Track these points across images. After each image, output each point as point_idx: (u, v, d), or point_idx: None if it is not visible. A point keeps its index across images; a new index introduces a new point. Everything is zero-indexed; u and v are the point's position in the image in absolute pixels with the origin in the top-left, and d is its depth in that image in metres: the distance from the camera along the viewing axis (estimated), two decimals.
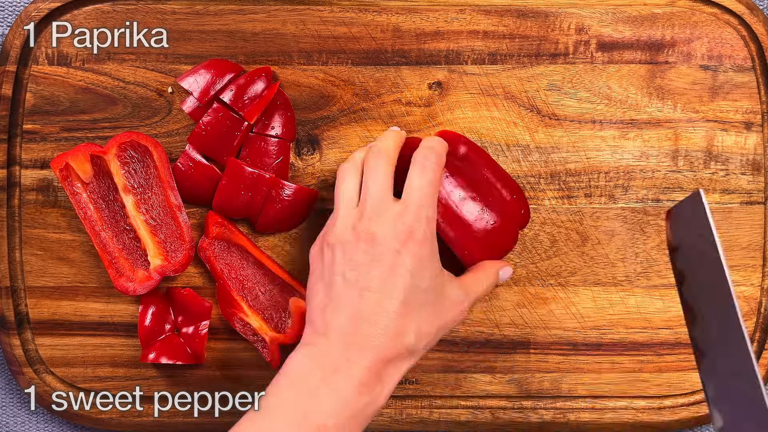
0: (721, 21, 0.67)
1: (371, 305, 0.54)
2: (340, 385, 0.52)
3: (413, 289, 0.55)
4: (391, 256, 0.55)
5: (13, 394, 0.71)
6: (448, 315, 0.58)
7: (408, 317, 0.55)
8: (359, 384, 0.53)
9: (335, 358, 0.53)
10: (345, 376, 0.53)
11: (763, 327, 0.67)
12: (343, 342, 0.54)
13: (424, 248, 0.56)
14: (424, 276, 0.56)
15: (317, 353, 0.54)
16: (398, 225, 0.56)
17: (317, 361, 0.54)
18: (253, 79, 0.65)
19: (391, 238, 0.55)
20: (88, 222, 0.65)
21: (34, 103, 0.66)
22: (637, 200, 0.67)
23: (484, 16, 0.67)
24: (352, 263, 0.55)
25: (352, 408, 0.52)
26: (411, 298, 0.55)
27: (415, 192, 0.57)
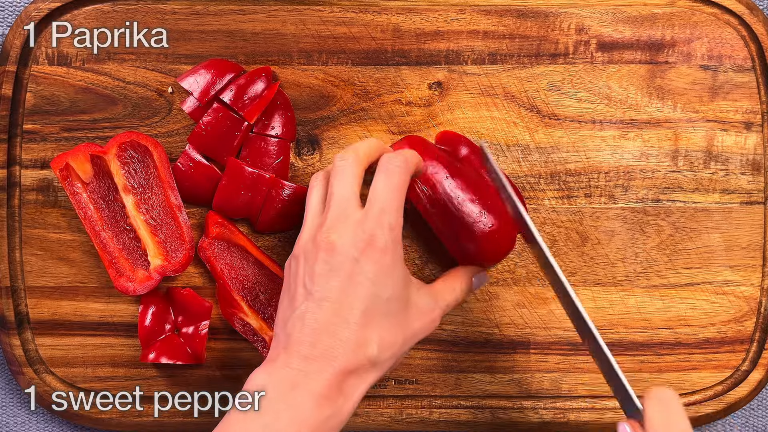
0: (721, 21, 0.67)
1: (330, 316, 0.53)
2: (297, 401, 0.51)
3: (374, 298, 0.53)
4: (350, 265, 0.53)
5: (13, 394, 0.71)
6: (416, 324, 0.56)
7: (369, 327, 0.53)
8: (319, 397, 0.51)
9: (294, 373, 0.52)
10: (303, 391, 0.51)
11: (762, 327, 0.67)
12: (302, 355, 0.52)
13: (385, 256, 0.54)
14: (386, 284, 0.54)
15: (276, 369, 0.53)
16: (358, 233, 0.54)
17: (275, 378, 0.52)
18: (253, 79, 0.65)
19: (349, 246, 0.53)
20: (88, 222, 0.65)
21: (34, 103, 0.66)
22: (637, 200, 0.67)
23: (484, 16, 0.67)
24: (312, 274, 0.54)
25: (311, 424, 0.51)
26: (372, 307, 0.53)
27: (378, 198, 0.55)
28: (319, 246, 0.54)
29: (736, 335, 0.67)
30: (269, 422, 0.51)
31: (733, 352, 0.67)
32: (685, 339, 0.67)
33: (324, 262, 0.54)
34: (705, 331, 0.67)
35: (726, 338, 0.67)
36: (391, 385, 0.67)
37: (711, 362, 0.67)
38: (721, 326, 0.67)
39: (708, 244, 0.67)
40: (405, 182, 0.56)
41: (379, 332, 0.53)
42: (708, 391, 0.67)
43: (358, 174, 0.56)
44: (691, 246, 0.67)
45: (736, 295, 0.67)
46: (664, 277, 0.67)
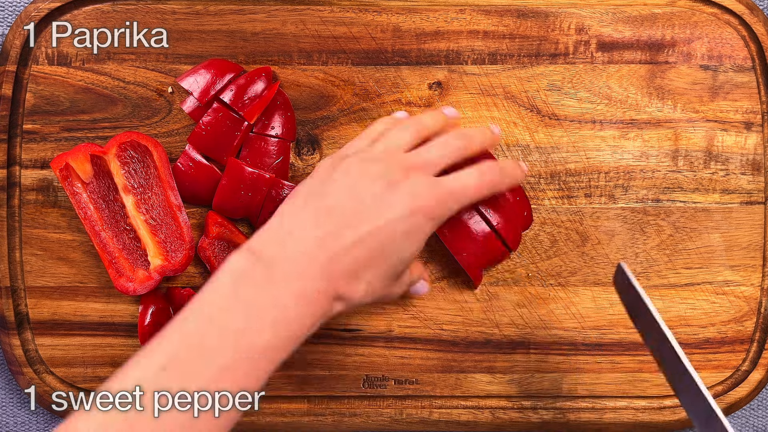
0: (721, 21, 0.67)
1: (349, 239, 0.51)
2: (283, 299, 0.49)
3: (394, 250, 0.53)
4: (400, 213, 0.53)
5: (13, 394, 0.71)
6: (394, 290, 0.56)
7: (370, 270, 0.53)
8: (303, 299, 0.49)
9: (286, 269, 0.50)
10: (289, 290, 0.49)
11: (763, 327, 0.67)
12: (303, 254, 0.50)
13: (428, 226, 0.54)
14: (408, 249, 0.54)
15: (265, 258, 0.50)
16: (426, 192, 0.53)
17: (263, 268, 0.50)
18: (253, 79, 0.65)
19: (409, 197, 0.53)
20: (88, 222, 0.65)
21: (34, 103, 0.66)
22: (637, 200, 0.67)
23: (484, 16, 0.67)
24: (362, 190, 0.53)
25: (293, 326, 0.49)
26: (387, 255, 0.53)
27: (463, 185, 0.55)
28: (383, 175, 0.53)
29: (736, 335, 0.67)
30: (251, 318, 0.48)
31: (733, 352, 0.67)
32: (685, 339, 0.67)
33: (381, 190, 0.53)
34: (705, 331, 0.67)
35: (726, 338, 0.67)
36: (391, 385, 0.67)
37: (711, 362, 0.67)
38: (721, 326, 0.67)
39: (708, 244, 0.67)
40: (486, 190, 0.56)
41: (373, 277, 0.53)
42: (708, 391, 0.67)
43: (455, 158, 0.57)
44: (691, 246, 0.67)
45: (736, 295, 0.67)
46: (664, 277, 0.67)
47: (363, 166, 0.54)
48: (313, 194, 0.54)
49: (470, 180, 0.56)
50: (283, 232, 0.52)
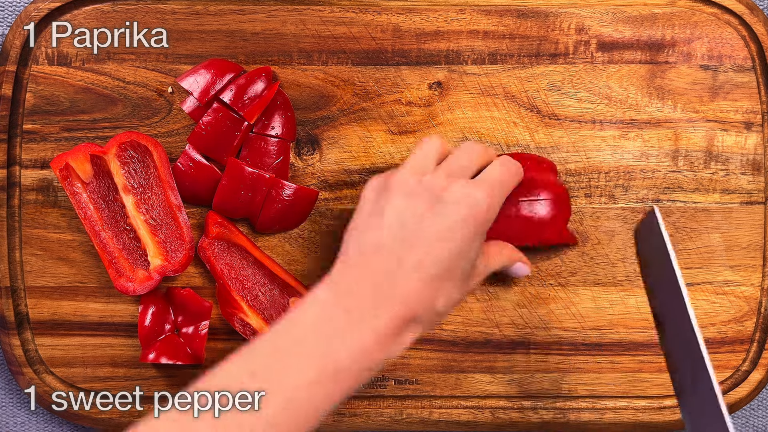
0: (721, 21, 0.67)
1: (414, 260, 0.52)
2: (362, 333, 0.50)
3: (459, 256, 0.53)
4: (452, 219, 0.53)
5: (13, 394, 0.70)
6: (471, 284, 0.57)
7: (445, 281, 0.53)
8: (381, 336, 0.51)
9: (364, 302, 0.51)
10: (369, 325, 0.51)
11: (763, 327, 0.67)
12: (375, 288, 0.52)
13: (483, 222, 0.54)
14: (472, 248, 0.54)
15: (345, 292, 0.52)
16: (471, 191, 0.54)
17: (343, 301, 0.51)
18: (253, 79, 0.65)
19: (458, 201, 0.54)
20: (88, 222, 0.65)
21: (34, 103, 0.66)
22: (637, 200, 0.67)
23: (484, 16, 0.67)
24: (410, 212, 0.54)
25: (370, 356, 0.51)
26: (455, 264, 0.53)
27: (494, 174, 0.57)
28: (426, 188, 0.55)
29: (736, 335, 0.67)
30: (333, 344, 0.50)
31: (733, 352, 0.67)
32: None
33: (427, 204, 0.54)
34: (705, 331, 0.67)
35: (726, 338, 0.67)
36: (391, 385, 0.67)
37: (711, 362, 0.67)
38: (721, 326, 0.67)
39: (708, 244, 0.67)
40: (517, 179, 0.59)
41: (449, 288, 0.54)
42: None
43: (480, 162, 0.58)
44: (691, 246, 0.67)
45: (736, 295, 0.67)
46: None
47: (406, 189, 0.55)
48: (367, 229, 0.55)
49: (503, 168, 0.58)
50: (352, 270, 0.54)
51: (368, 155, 0.67)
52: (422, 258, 0.53)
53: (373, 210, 0.56)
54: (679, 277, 0.53)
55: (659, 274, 0.55)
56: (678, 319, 0.54)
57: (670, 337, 0.56)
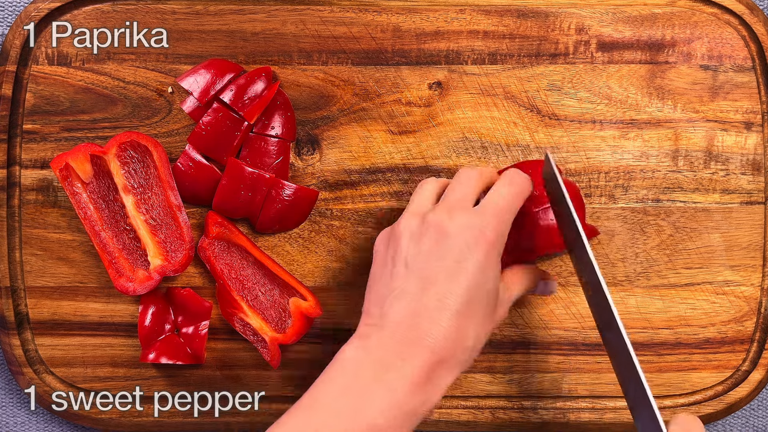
0: (721, 21, 0.67)
1: (433, 300, 0.52)
2: (393, 383, 0.50)
3: (477, 288, 0.53)
4: (459, 251, 0.53)
5: (13, 394, 0.71)
6: (497, 316, 0.56)
7: (468, 318, 0.52)
8: (411, 384, 0.51)
9: (389, 354, 0.51)
10: (398, 374, 0.50)
11: (763, 327, 0.67)
12: (398, 337, 0.51)
13: (494, 249, 0.54)
14: (489, 276, 0.53)
15: (371, 346, 0.52)
16: (474, 221, 0.54)
17: (370, 356, 0.51)
18: (253, 79, 0.65)
19: (461, 232, 0.53)
20: (88, 222, 0.65)
21: (34, 103, 0.66)
22: (637, 200, 0.67)
23: (484, 16, 0.67)
24: (418, 253, 0.54)
25: (403, 408, 0.50)
26: (474, 297, 0.53)
27: (499, 196, 0.56)
28: (429, 226, 0.54)
29: (736, 335, 0.67)
30: (363, 402, 0.50)
31: (733, 352, 0.67)
32: (686, 339, 0.67)
33: (434, 242, 0.54)
34: (705, 331, 0.67)
35: (726, 338, 0.67)
36: None
37: (711, 362, 0.67)
38: (722, 326, 0.67)
39: (708, 244, 0.67)
40: (523, 195, 0.57)
41: (475, 323, 0.53)
42: (708, 391, 0.67)
43: (478, 189, 0.57)
44: (691, 246, 0.67)
45: (737, 295, 0.67)
46: (664, 277, 0.67)
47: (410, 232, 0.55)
48: (382, 282, 0.55)
49: (505, 189, 0.56)
50: (375, 325, 0.53)
51: (368, 155, 0.67)
52: (441, 295, 0.52)
53: (384, 261, 0.56)
54: (574, 213, 0.56)
55: (562, 215, 0.58)
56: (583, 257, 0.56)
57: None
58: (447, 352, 0.52)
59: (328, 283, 0.67)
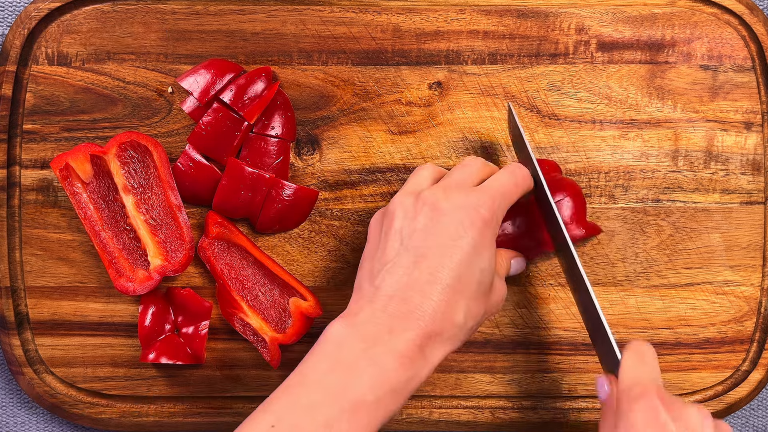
0: (721, 21, 0.67)
1: (425, 274, 0.52)
2: (380, 358, 0.50)
3: (470, 265, 0.53)
4: (454, 227, 0.53)
5: (13, 394, 0.71)
6: (493, 299, 0.56)
7: (460, 293, 0.53)
8: (401, 357, 0.50)
9: (378, 328, 0.51)
10: (386, 348, 0.50)
11: (763, 327, 0.67)
12: (388, 310, 0.52)
13: (488, 228, 0.54)
14: (483, 256, 0.54)
15: (359, 322, 0.52)
16: (470, 199, 0.54)
17: (358, 331, 0.51)
18: (253, 79, 0.65)
19: (457, 210, 0.54)
20: (88, 222, 0.65)
21: (34, 103, 0.66)
22: (637, 200, 0.67)
23: (484, 16, 0.67)
24: (412, 229, 0.54)
25: (392, 382, 0.50)
26: (466, 274, 0.53)
27: (497, 181, 0.56)
28: (424, 202, 0.55)
29: (736, 335, 0.67)
30: (349, 377, 0.50)
31: (733, 352, 0.67)
32: (685, 339, 0.67)
33: (428, 219, 0.54)
34: (705, 331, 0.67)
35: (726, 338, 0.67)
36: None
37: (711, 362, 0.67)
38: (721, 326, 0.67)
39: (708, 244, 0.67)
40: (521, 187, 0.58)
41: (467, 300, 0.53)
42: (708, 391, 0.67)
43: (480, 174, 0.58)
44: (691, 246, 0.67)
45: (736, 295, 0.67)
46: (664, 277, 0.67)
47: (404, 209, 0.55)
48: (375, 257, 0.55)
49: (504, 177, 0.57)
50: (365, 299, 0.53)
51: (368, 155, 0.67)
52: (433, 269, 0.52)
53: (377, 238, 0.56)
54: (534, 160, 0.60)
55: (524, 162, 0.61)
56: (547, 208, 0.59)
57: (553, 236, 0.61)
58: (436, 326, 0.52)
59: (328, 283, 0.67)
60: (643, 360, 0.54)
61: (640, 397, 0.52)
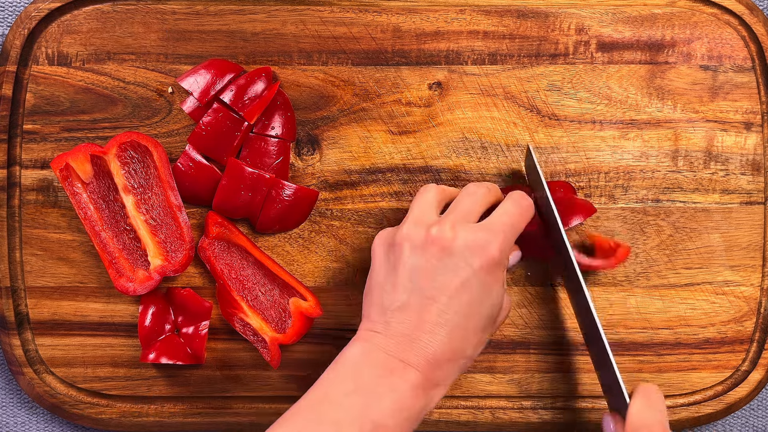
0: (721, 21, 0.67)
1: (433, 316, 0.53)
2: (397, 386, 0.52)
3: (479, 305, 0.54)
4: (464, 270, 0.54)
5: (13, 394, 0.71)
6: (500, 318, 0.58)
7: (470, 331, 0.54)
8: (415, 387, 0.52)
9: (391, 359, 0.53)
10: (401, 378, 0.52)
11: (762, 327, 0.67)
12: (401, 345, 0.53)
13: (497, 266, 0.55)
14: (492, 293, 0.55)
15: (374, 349, 0.53)
16: (478, 237, 0.54)
17: (376, 358, 0.53)
18: (253, 79, 0.65)
19: (466, 249, 0.54)
20: (88, 222, 0.65)
21: (34, 103, 0.66)
22: (637, 200, 0.67)
23: (484, 16, 0.67)
24: (421, 268, 0.54)
25: (408, 410, 0.52)
26: (476, 312, 0.54)
27: (505, 215, 0.56)
28: (433, 241, 0.55)
29: (736, 335, 0.67)
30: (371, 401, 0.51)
31: (733, 352, 0.67)
32: (685, 339, 0.67)
33: (437, 259, 0.54)
34: (705, 332, 0.67)
35: (726, 338, 0.67)
36: None
37: (711, 362, 0.67)
38: (721, 326, 0.67)
39: (708, 244, 0.67)
40: (526, 218, 0.58)
41: (476, 336, 0.55)
42: (708, 391, 0.67)
43: (486, 203, 0.58)
44: (691, 246, 0.67)
45: (736, 295, 0.67)
46: (664, 277, 0.67)
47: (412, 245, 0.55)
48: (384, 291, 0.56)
49: (511, 209, 0.57)
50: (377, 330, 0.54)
51: (368, 155, 0.67)
52: (441, 311, 0.53)
53: (386, 269, 0.56)
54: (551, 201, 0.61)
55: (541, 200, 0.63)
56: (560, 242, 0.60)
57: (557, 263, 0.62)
58: (446, 363, 0.54)
59: (328, 283, 0.67)
60: (652, 404, 0.56)
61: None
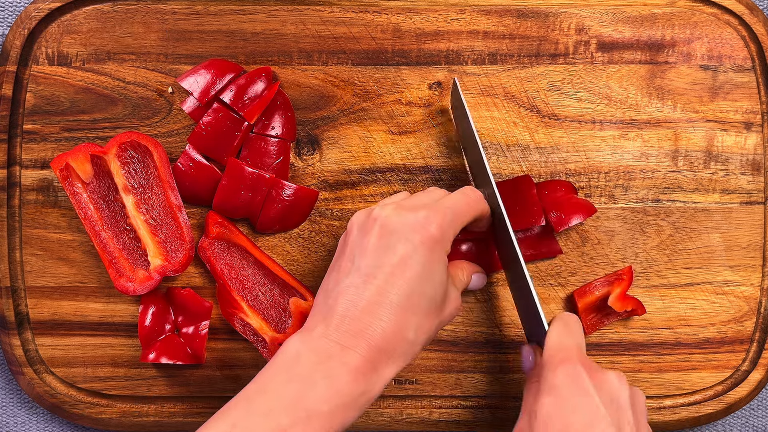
0: (721, 21, 0.67)
1: (373, 294, 0.53)
2: (334, 371, 0.51)
3: (419, 283, 0.54)
4: (403, 246, 0.54)
5: (13, 394, 0.71)
6: (447, 311, 0.57)
7: (410, 311, 0.54)
8: (353, 371, 0.52)
9: (331, 344, 0.52)
10: (339, 362, 0.52)
11: (762, 327, 0.67)
12: (341, 329, 0.53)
13: (438, 245, 0.55)
14: (434, 272, 0.54)
15: (314, 337, 0.53)
16: (418, 216, 0.55)
17: (313, 346, 0.53)
18: (253, 79, 0.65)
19: (406, 227, 0.54)
20: (88, 222, 0.65)
21: (34, 103, 0.66)
22: (637, 200, 0.67)
23: (484, 16, 0.67)
24: (363, 248, 0.55)
25: (345, 396, 0.51)
26: (417, 292, 0.54)
27: (448, 201, 0.57)
28: (375, 220, 0.55)
29: (736, 335, 0.67)
30: (304, 388, 0.51)
31: (733, 352, 0.67)
32: (685, 339, 0.67)
33: (377, 237, 0.55)
34: (705, 331, 0.67)
35: (726, 338, 0.67)
36: (391, 385, 0.67)
37: (711, 362, 0.67)
38: (721, 326, 0.67)
39: (708, 244, 0.67)
40: (473, 208, 0.58)
41: (418, 317, 0.54)
42: (708, 391, 0.67)
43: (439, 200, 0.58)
44: (691, 246, 0.67)
45: (736, 295, 0.67)
46: (664, 277, 0.67)
47: (358, 226, 0.56)
48: (331, 276, 0.56)
49: (456, 197, 0.58)
50: (320, 317, 0.54)
51: (368, 155, 0.67)
52: (381, 290, 0.53)
53: (337, 253, 0.57)
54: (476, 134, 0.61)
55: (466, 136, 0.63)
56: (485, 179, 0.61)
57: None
58: (387, 344, 0.53)
59: None
60: (568, 328, 0.57)
61: (564, 362, 0.54)
